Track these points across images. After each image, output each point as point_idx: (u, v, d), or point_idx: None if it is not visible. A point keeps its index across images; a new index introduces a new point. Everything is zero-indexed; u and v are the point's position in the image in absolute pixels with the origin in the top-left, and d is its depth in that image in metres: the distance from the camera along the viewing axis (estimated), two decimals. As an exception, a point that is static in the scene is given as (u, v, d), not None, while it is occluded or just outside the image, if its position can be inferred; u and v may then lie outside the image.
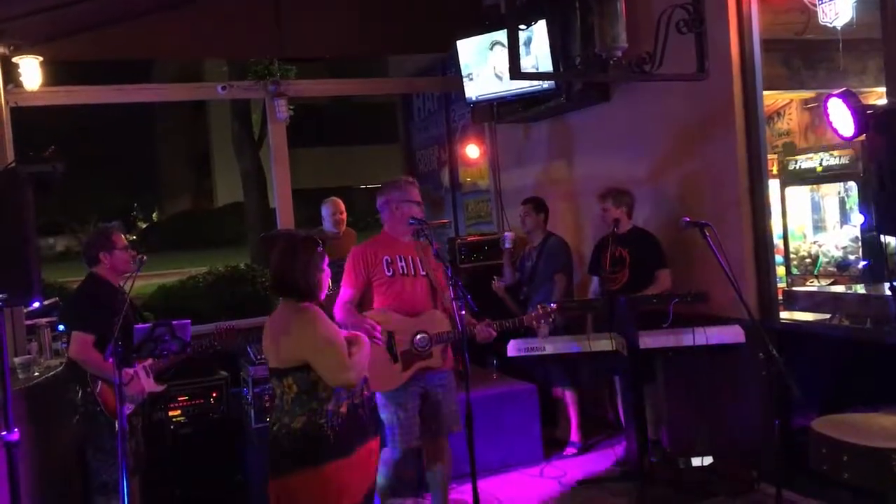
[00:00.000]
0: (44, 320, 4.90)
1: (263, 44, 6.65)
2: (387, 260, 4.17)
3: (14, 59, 5.78)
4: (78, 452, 4.87)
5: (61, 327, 5.25)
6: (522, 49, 5.20)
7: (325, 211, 6.28)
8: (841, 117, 3.83)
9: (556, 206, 5.96)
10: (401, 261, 4.16)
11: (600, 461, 5.27)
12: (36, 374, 4.35)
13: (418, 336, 4.09)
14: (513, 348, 4.81)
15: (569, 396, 5.57)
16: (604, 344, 4.66)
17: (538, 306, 4.47)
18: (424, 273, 4.20)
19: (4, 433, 3.22)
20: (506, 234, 5.81)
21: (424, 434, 4.15)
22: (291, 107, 6.86)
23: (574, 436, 5.56)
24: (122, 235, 4.42)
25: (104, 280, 4.27)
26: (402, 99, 9.37)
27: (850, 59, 4.98)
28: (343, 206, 6.34)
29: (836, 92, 3.76)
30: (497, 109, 6.50)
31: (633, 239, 5.02)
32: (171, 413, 5.26)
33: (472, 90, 6.33)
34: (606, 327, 4.82)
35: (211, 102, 21.98)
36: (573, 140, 6.34)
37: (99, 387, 4.14)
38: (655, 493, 4.61)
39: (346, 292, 4.18)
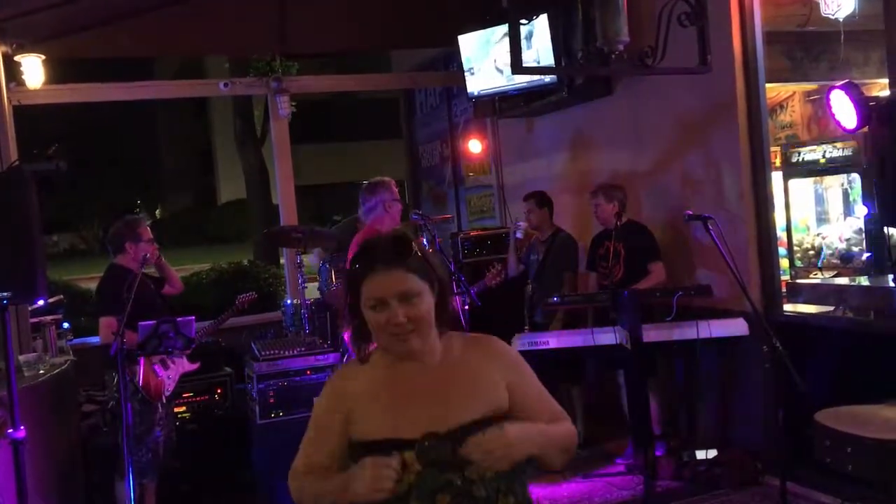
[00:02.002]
0: (48, 318, 4.92)
1: (265, 40, 6.65)
2: None
3: (16, 58, 5.79)
4: (83, 449, 4.91)
5: (66, 325, 5.27)
6: (524, 43, 5.20)
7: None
8: (843, 109, 3.83)
9: (560, 200, 5.96)
10: None
11: (605, 455, 5.27)
12: (41, 371, 4.37)
13: None
14: (517, 342, 4.82)
15: (573, 390, 5.57)
16: (608, 338, 4.67)
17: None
18: None
19: (11, 430, 3.24)
20: (518, 223, 5.78)
21: None
22: (294, 103, 6.86)
23: (578, 430, 5.54)
24: (148, 228, 4.60)
25: (126, 269, 4.38)
26: (404, 94, 9.37)
27: (852, 51, 4.97)
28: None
29: (838, 84, 3.77)
30: (499, 104, 6.50)
31: (627, 233, 5.01)
32: (176, 409, 5.27)
33: (474, 85, 6.33)
34: (607, 322, 4.83)
35: (213, 99, 21.97)
36: (575, 134, 6.33)
37: (138, 371, 4.22)
38: (660, 486, 4.61)
39: None
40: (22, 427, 3.27)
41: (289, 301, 6.08)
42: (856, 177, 4.65)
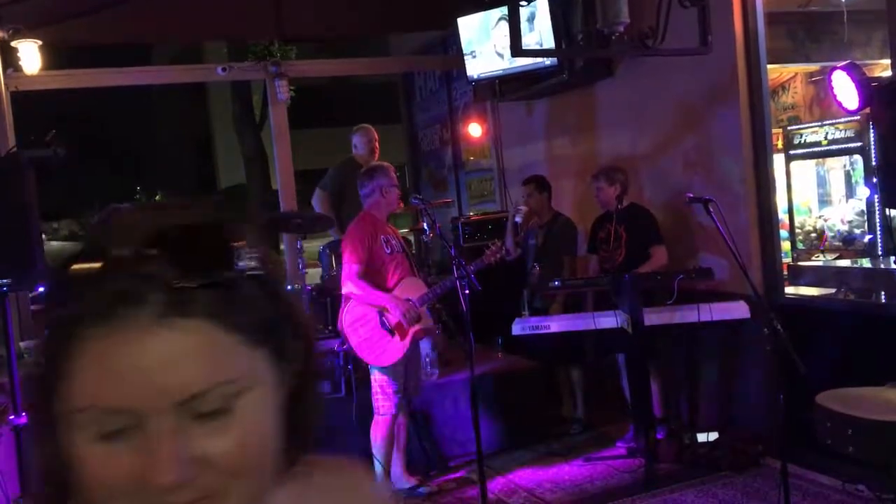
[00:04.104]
0: (49, 305, 4.91)
1: (263, 24, 6.61)
2: (384, 238, 4.41)
3: (13, 44, 5.76)
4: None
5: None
6: (525, 26, 5.16)
7: (360, 138, 6.15)
8: (845, 90, 3.80)
9: (560, 183, 5.94)
10: (392, 240, 4.45)
11: (606, 438, 5.28)
12: (42, 358, 4.37)
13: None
14: (517, 327, 4.82)
15: (574, 374, 5.57)
16: (609, 321, 4.66)
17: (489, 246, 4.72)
18: (401, 249, 4.51)
19: (13, 417, 3.25)
20: (519, 206, 5.75)
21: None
22: (292, 88, 6.83)
23: (579, 413, 5.57)
24: None
25: None
26: (403, 78, 9.32)
27: (854, 31, 4.93)
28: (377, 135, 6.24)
29: (840, 64, 3.74)
30: (499, 87, 6.45)
31: (629, 215, 4.99)
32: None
33: (474, 68, 6.28)
34: (608, 305, 4.82)
35: (211, 84, 21.87)
36: (576, 117, 6.30)
37: None
38: (661, 469, 4.62)
39: (357, 267, 4.30)
40: (24, 413, 3.27)
41: (288, 287, 6.06)
42: (858, 158, 4.63)
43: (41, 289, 4.39)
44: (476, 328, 3.95)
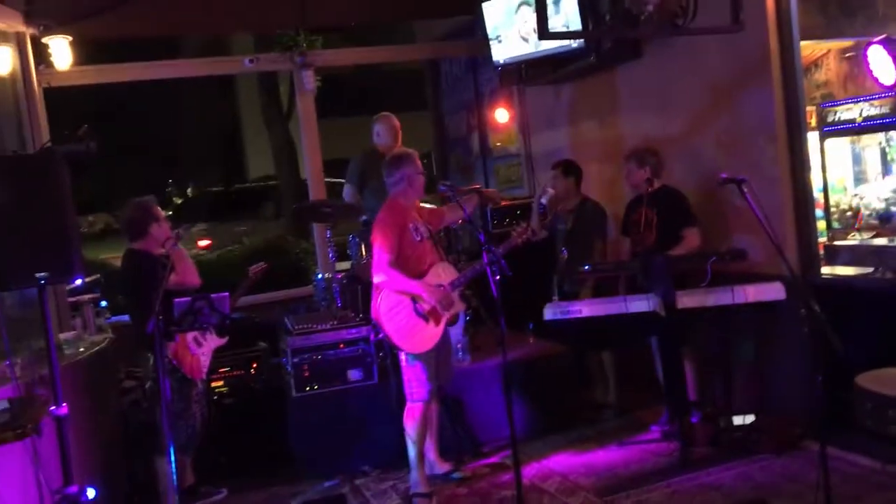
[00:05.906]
0: (86, 297, 5.00)
1: (288, 15, 6.61)
2: (412, 226, 4.41)
3: (44, 40, 5.84)
4: (124, 424, 5.01)
5: (104, 303, 5.35)
6: (552, 8, 5.11)
7: (381, 126, 5.95)
8: (881, 65, 3.74)
9: (589, 167, 5.89)
10: (420, 226, 4.47)
11: (640, 423, 5.25)
12: (81, 349, 4.45)
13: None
14: (549, 311, 4.80)
15: (606, 358, 5.55)
16: (641, 305, 4.62)
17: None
18: (429, 235, 4.51)
19: (53, 408, 3.31)
20: (547, 188, 5.63)
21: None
22: (319, 77, 6.84)
23: (612, 398, 5.55)
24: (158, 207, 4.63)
25: (149, 254, 4.40)
26: (429, 65, 9.29)
27: (889, 5, 4.82)
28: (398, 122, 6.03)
29: (875, 39, 3.66)
30: (526, 71, 6.41)
31: (661, 198, 4.93)
32: (213, 384, 5.35)
33: (500, 53, 6.24)
34: (640, 289, 4.77)
35: (238, 76, 22.00)
36: (605, 100, 6.24)
37: (172, 349, 4.34)
38: (696, 452, 4.59)
39: (388, 256, 4.30)
40: (64, 404, 3.33)
41: (320, 275, 6.11)
42: (893, 134, 4.54)
43: (78, 281, 4.46)
44: (507, 313, 3.94)
